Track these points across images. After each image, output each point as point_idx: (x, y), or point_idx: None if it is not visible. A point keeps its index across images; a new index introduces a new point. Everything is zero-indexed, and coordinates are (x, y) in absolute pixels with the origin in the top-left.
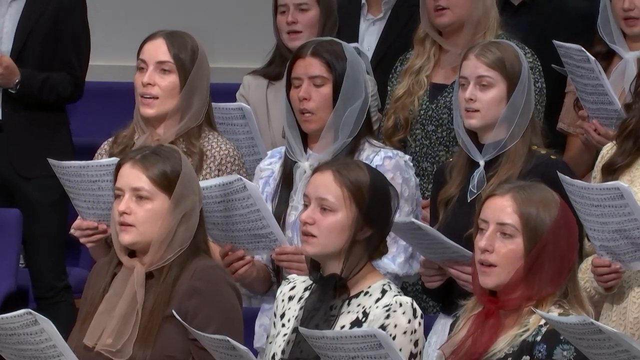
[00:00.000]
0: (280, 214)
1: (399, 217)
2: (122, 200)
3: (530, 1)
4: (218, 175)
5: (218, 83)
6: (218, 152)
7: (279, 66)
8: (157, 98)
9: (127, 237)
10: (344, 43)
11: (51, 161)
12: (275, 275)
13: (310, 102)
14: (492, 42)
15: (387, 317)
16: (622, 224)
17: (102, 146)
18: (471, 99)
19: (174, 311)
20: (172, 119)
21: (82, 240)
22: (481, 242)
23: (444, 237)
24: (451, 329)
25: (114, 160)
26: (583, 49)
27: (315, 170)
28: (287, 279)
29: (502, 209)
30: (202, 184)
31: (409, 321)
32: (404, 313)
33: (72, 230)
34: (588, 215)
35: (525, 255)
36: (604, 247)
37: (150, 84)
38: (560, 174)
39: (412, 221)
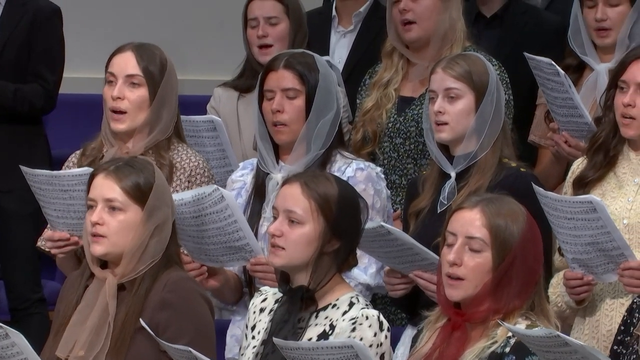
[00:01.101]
0: (252, 226)
1: (368, 223)
2: (94, 211)
3: (502, 14)
4: (188, 187)
5: (190, 95)
6: (188, 164)
7: (250, 78)
8: (127, 112)
9: (98, 248)
10: (316, 55)
11: (23, 168)
12: (248, 285)
13: (283, 114)
14: (459, 54)
15: (353, 330)
16: (594, 237)
17: (69, 158)
18: (440, 112)
19: (142, 321)
20: (142, 132)
21: (53, 251)
22: (449, 255)
23: (414, 241)
24: (414, 342)
25: (87, 170)
26: (553, 62)
27: (284, 182)
28: (260, 290)
29: (470, 223)
30: (178, 196)
31: (375, 334)
32: (370, 326)
33: (41, 242)
34: (561, 228)
35: (493, 269)
36: (577, 259)
37: (119, 98)
38: (535, 186)
39: (382, 225)
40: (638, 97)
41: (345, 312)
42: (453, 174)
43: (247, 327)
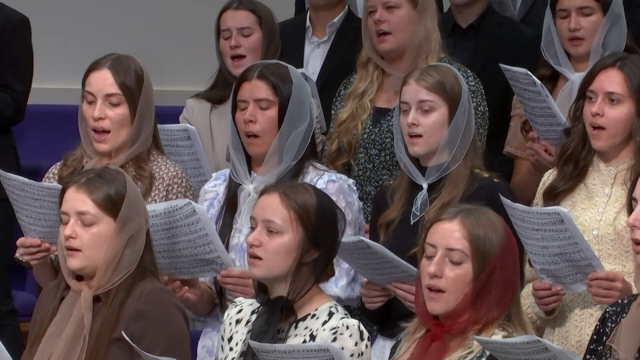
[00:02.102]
0: (224, 237)
1: (347, 237)
2: (67, 224)
3: (478, 25)
4: (166, 197)
5: (169, 106)
6: (166, 174)
7: (222, 90)
8: (109, 131)
9: (74, 262)
10: (290, 66)
11: None
12: (219, 297)
13: (256, 124)
14: (430, 65)
15: (334, 339)
16: (562, 247)
17: (50, 169)
18: (414, 124)
19: (123, 333)
20: (124, 147)
21: (25, 258)
22: (430, 267)
23: (393, 255)
24: (392, 352)
25: (56, 186)
26: (529, 72)
27: (262, 192)
28: (234, 302)
29: (450, 234)
30: (150, 207)
31: (356, 344)
32: (350, 335)
33: (18, 253)
34: (529, 239)
35: (473, 280)
36: (545, 270)
37: (101, 118)
38: (502, 197)
39: (361, 239)
40: (606, 106)
41: (325, 322)
42: (425, 185)
43: (222, 338)
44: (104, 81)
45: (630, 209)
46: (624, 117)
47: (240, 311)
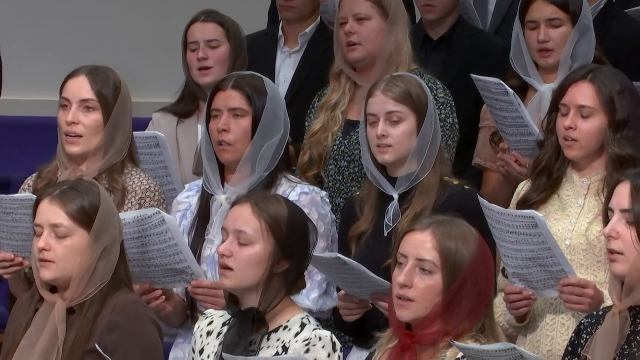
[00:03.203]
0: (196, 248)
1: (324, 253)
2: (41, 236)
3: (449, 37)
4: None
5: (146, 118)
6: (139, 187)
7: (189, 104)
8: (82, 136)
9: (47, 274)
10: (265, 78)
11: None
12: (190, 308)
13: (229, 134)
14: (394, 76)
15: (307, 351)
16: (535, 252)
17: (25, 181)
18: (384, 135)
19: (97, 346)
20: (96, 155)
21: None
22: (400, 277)
23: (369, 272)
24: None
25: (30, 196)
26: (501, 82)
27: (234, 203)
28: (205, 314)
29: (421, 245)
30: (120, 216)
31: (329, 355)
32: (323, 347)
33: None
34: (503, 242)
35: (444, 291)
36: (517, 274)
37: (74, 123)
38: (480, 198)
39: (338, 257)
40: (579, 119)
41: (297, 334)
42: (396, 196)
43: (194, 351)
44: (80, 87)
45: (606, 220)
46: (596, 130)
47: (211, 323)
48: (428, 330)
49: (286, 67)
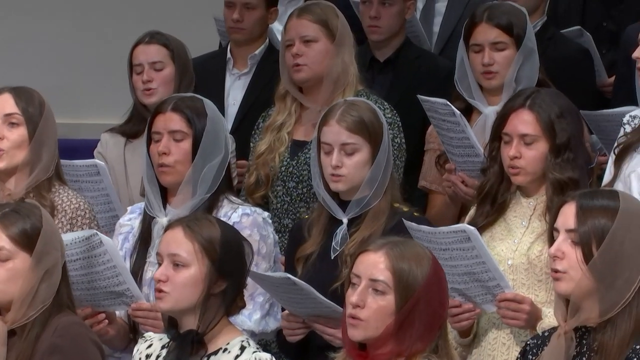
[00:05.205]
0: (137, 270)
1: (274, 272)
2: None
3: (395, 58)
4: (70, 230)
5: (84, 139)
6: (69, 206)
7: (137, 124)
8: (5, 151)
9: None
10: (205, 99)
11: None
12: (132, 331)
13: (170, 156)
14: (349, 104)
15: None
16: (470, 267)
17: None
18: (338, 166)
19: None
20: (22, 172)
21: None
22: (353, 297)
23: (317, 294)
24: None
25: None
26: (448, 102)
27: (167, 228)
28: (144, 337)
29: (374, 265)
30: None
31: None
32: None
33: None
34: (438, 260)
35: (396, 312)
36: (455, 289)
37: None
38: (405, 222)
39: (288, 277)
40: (522, 147)
41: (237, 356)
42: (345, 220)
43: None
44: (5, 103)
45: (551, 240)
46: (541, 156)
47: (150, 346)
48: (381, 351)
49: (235, 88)
